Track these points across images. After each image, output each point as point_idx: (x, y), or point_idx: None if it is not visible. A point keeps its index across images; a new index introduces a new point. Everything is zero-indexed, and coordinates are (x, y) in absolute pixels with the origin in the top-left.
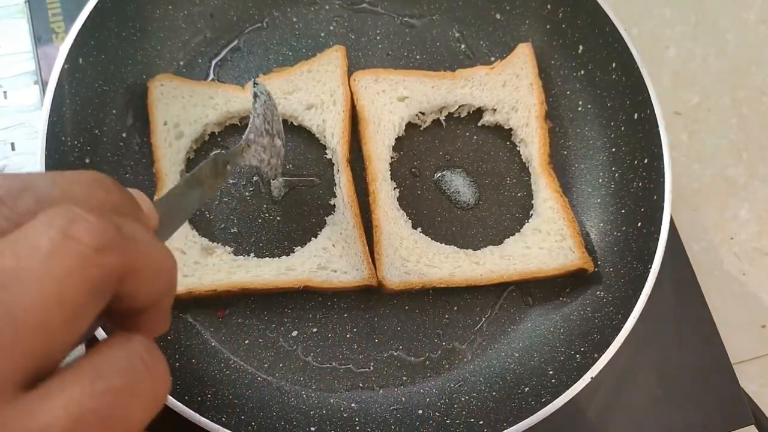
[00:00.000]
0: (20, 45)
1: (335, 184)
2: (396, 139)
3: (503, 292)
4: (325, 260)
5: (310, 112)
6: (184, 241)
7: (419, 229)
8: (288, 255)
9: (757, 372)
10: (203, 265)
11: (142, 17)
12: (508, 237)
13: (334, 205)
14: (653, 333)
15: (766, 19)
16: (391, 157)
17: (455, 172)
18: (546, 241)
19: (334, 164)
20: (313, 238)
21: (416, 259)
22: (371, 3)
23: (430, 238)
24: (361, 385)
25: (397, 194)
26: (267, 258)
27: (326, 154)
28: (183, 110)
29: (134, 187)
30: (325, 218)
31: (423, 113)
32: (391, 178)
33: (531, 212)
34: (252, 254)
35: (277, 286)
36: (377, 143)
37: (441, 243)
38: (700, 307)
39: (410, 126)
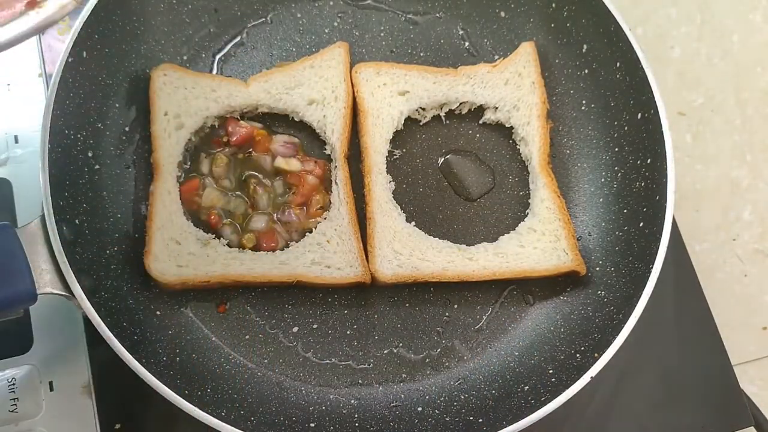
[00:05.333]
0: None
1: (332, 181)
2: (394, 133)
3: (504, 291)
4: (320, 256)
5: (312, 108)
6: (180, 232)
7: (413, 222)
8: (283, 249)
9: (757, 373)
10: (198, 256)
11: (146, 11)
12: (503, 234)
13: (331, 201)
14: (654, 333)
15: None
16: (389, 151)
17: (465, 156)
18: (540, 240)
19: (332, 160)
20: (308, 233)
21: (409, 252)
22: (375, 0)
23: (423, 232)
24: (360, 381)
25: (393, 187)
26: (262, 251)
27: (326, 149)
28: (184, 101)
29: (135, 180)
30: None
31: (423, 108)
32: (387, 172)
33: (527, 211)
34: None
35: (271, 279)
36: (375, 136)
37: (435, 237)
38: (701, 308)
39: (410, 121)
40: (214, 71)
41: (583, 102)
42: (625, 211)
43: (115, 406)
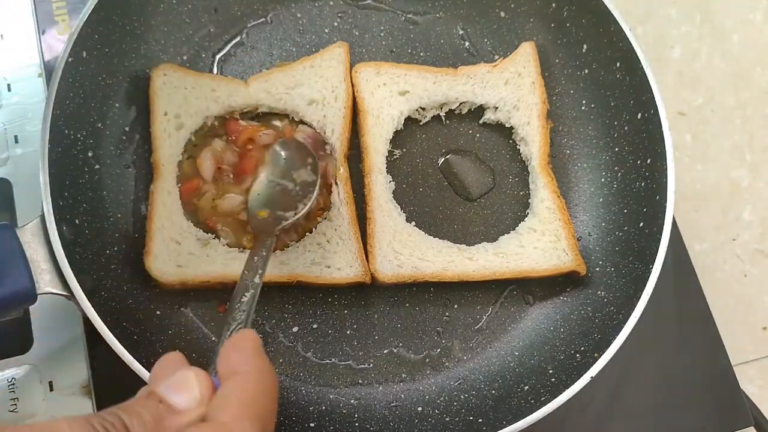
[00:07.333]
0: (24, 37)
1: (333, 181)
2: (394, 133)
3: (504, 291)
4: (320, 256)
5: (312, 108)
6: (180, 232)
7: (413, 222)
8: (283, 249)
9: (757, 374)
10: (198, 256)
11: (146, 11)
12: (503, 234)
13: (331, 201)
14: (654, 333)
15: None
16: (389, 151)
17: (465, 156)
18: (540, 241)
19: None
20: (308, 233)
21: (409, 252)
22: (375, 0)
23: (423, 232)
24: (360, 381)
25: (393, 187)
26: None
27: (326, 149)
28: (184, 101)
29: (135, 180)
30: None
31: (423, 108)
32: (387, 172)
33: (527, 211)
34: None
35: (271, 279)
36: (375, 136)
37: (435, 237)
38: (701, 308)
39: (410, 121)
40: (214, 71)
41: (583, 102)
42: (625, 211)
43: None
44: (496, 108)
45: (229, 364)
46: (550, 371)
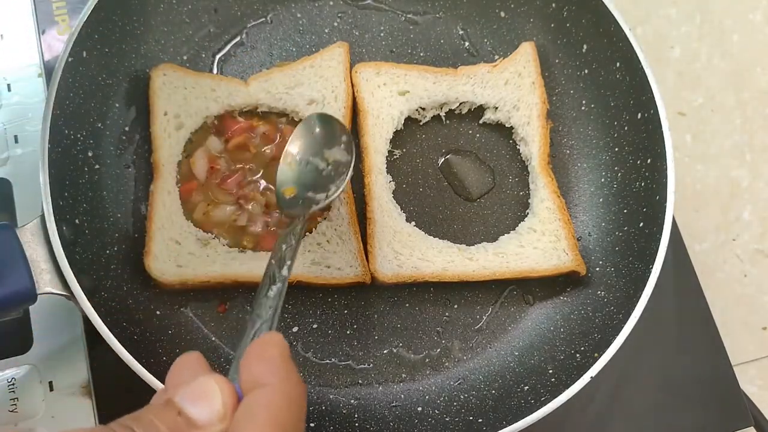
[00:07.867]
0: (24, 37)
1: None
2: (394, 133)
3: (504, 291)
4: (320, 256)
5: (312, 108)
6: (180, 232)
7: (413, 222)
8: None
9: (756, 374)
10: (198, 256)
11: (146, 11)
12: (503, 234)
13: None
14: (654, 333)
15: None
16: (389, 151)
17: (465, 156)
18: (540, 241)
19: None
20: (308, 233)
21: (409, 252)
22: (375, 0)
23: (423, 232)
24: (360, 381)
25: (393, 187)
26: (262, 251)
27: None
28: (184, 101)
29: (135, 180)
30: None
31: (423, 108)
32: (387, 172)
33: (527, 211)
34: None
35: None
36: (375, 136)
37: (435, 237)
38: (701, 308)
39: (410, 121)
40: (214, 71)
41: (583, 102)
42: (625, 211)
43: (115, 406)
44: (496, 108)
45: (253, 373)
46: (550, 371)
